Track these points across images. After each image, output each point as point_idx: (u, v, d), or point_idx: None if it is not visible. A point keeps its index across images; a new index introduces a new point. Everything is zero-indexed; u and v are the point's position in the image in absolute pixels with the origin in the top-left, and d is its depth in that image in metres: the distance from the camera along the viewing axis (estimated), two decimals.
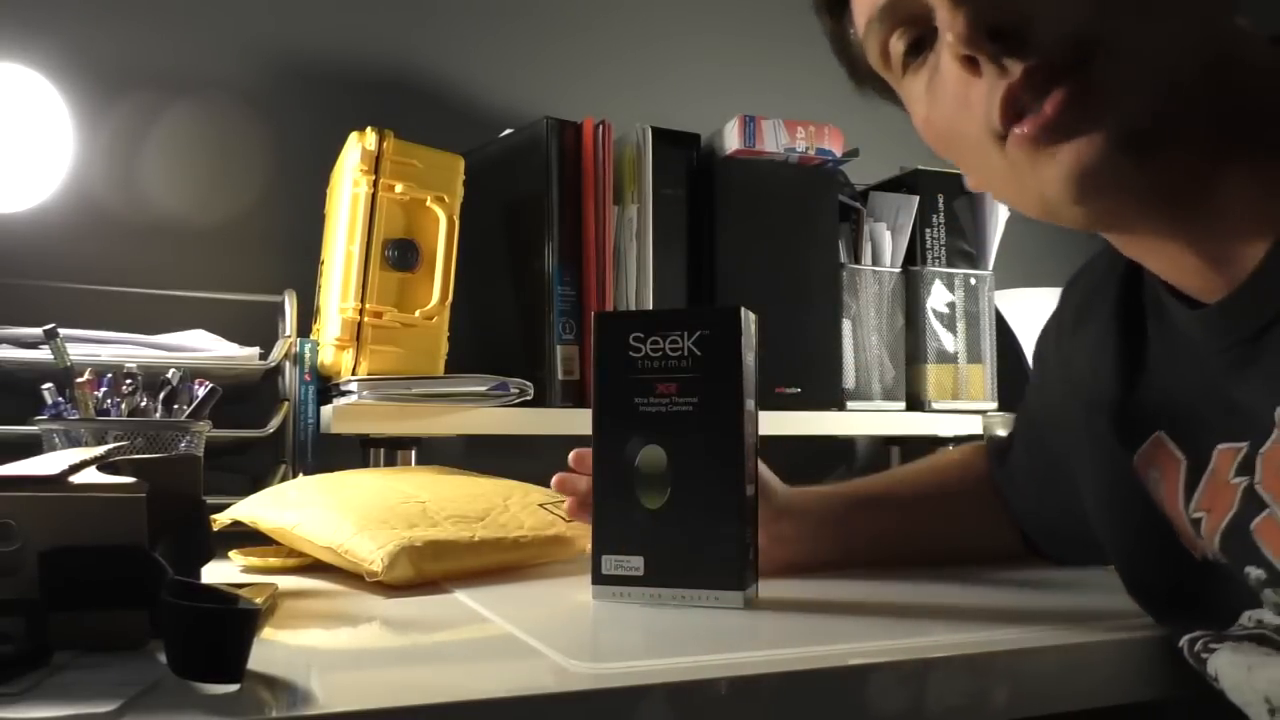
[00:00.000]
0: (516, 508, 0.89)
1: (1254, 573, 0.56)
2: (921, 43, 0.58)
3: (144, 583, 0.53)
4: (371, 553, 0.76)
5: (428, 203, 1.11)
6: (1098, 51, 0.51)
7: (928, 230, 1.35)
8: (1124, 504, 0.66)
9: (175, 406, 0.91)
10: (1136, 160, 0.52)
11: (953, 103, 0.56)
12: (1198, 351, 0.59)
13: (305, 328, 1.18)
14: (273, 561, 0.87)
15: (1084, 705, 0.61)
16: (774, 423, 1.15)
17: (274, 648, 0.59)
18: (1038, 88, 0.52)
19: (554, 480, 0.81)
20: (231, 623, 0.50)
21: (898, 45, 0.59)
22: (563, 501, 0.91)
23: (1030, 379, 0.83)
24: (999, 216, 1.38)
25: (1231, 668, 0.56)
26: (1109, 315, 0.68)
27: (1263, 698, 0.54)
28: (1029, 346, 1.42)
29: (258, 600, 0.64)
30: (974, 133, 0.56)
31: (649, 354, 0.71)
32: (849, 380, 1.29)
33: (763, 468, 0.79)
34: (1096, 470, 0.69)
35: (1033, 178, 0.54)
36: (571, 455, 0.81)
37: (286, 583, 0.80)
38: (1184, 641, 0.60)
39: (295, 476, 1.06)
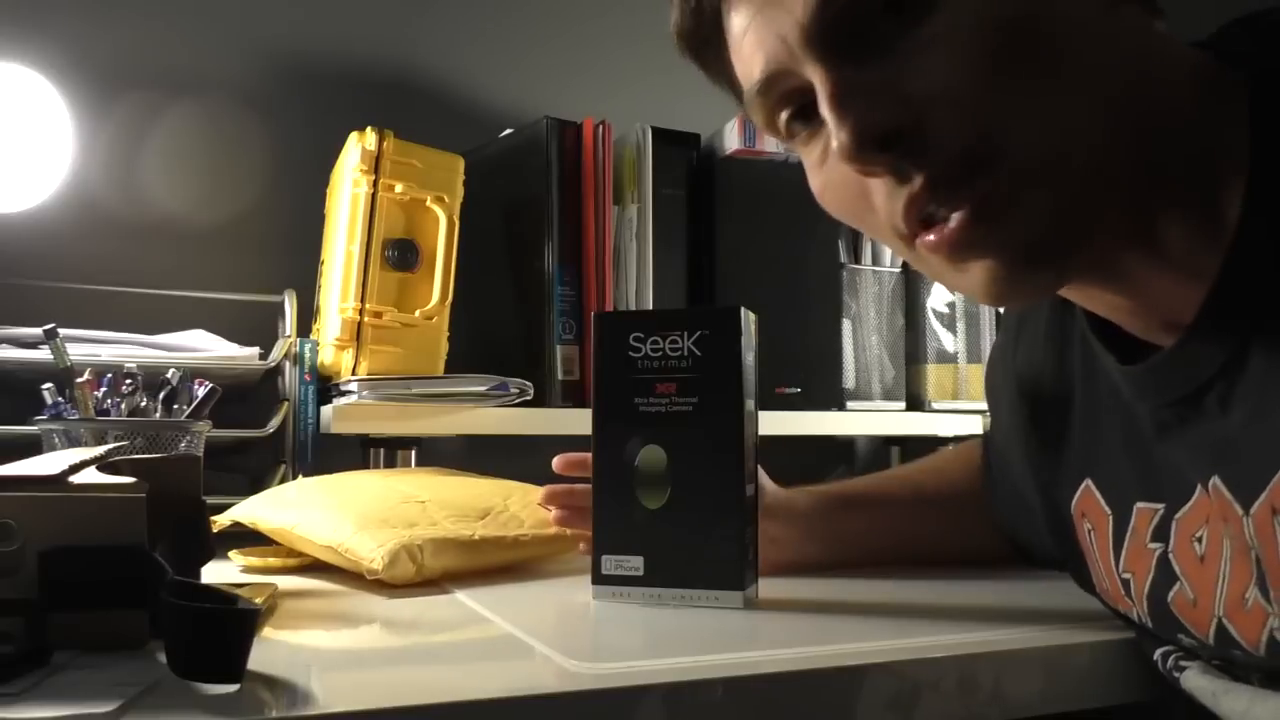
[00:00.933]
0: (516, 507, 0.89)
1: (1184, 639, 0.56)
2: (809, 110, 0.52)
3: (144, 583, 0.53)
4: (371, 551, 0.76)
5: (428, 203, 1.11)
6: (999, 155, 0.47)
7: None
8: (1067, 543, 0.65)
9: (175, 406, 0.91)
10: (1051, 263, 0.49)
11: (851, 196, 0.53)
12: (1125, 403, 0.56)
13: (305, 328, 1.18)
14: (273, 561, 0.87)
15: (1080, 706, 0.61)
16: (774, 423, 1.15)
17: (274, 648, 0.59)
18: (940, 198, 0.48)
19: (544, 493, 0.81)
20: (231, 623, 0.50)
21: (781, 115, 0.54)
22: None
23: (988, 408, 0.80)
24: None
25: (1200, 692, 0.55)
26: (1042, 341, 0.65)
27: None
28: None
29: (258, 600, 0.64)
30: (878, 226, 0.52)
31: (649, 354, 0.71)
32: (849, 380, 1.29)
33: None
34: (1043, 504, 0.68)
35: (949, 278, 0.52)
36: (556, 461, 0.81)
37: (286, 583, 0.80)
38: (1157, 655, 0.59)
39: (295, 477, 1.06)
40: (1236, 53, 0.51)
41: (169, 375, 0.91)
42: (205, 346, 1.09)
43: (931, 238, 0.49)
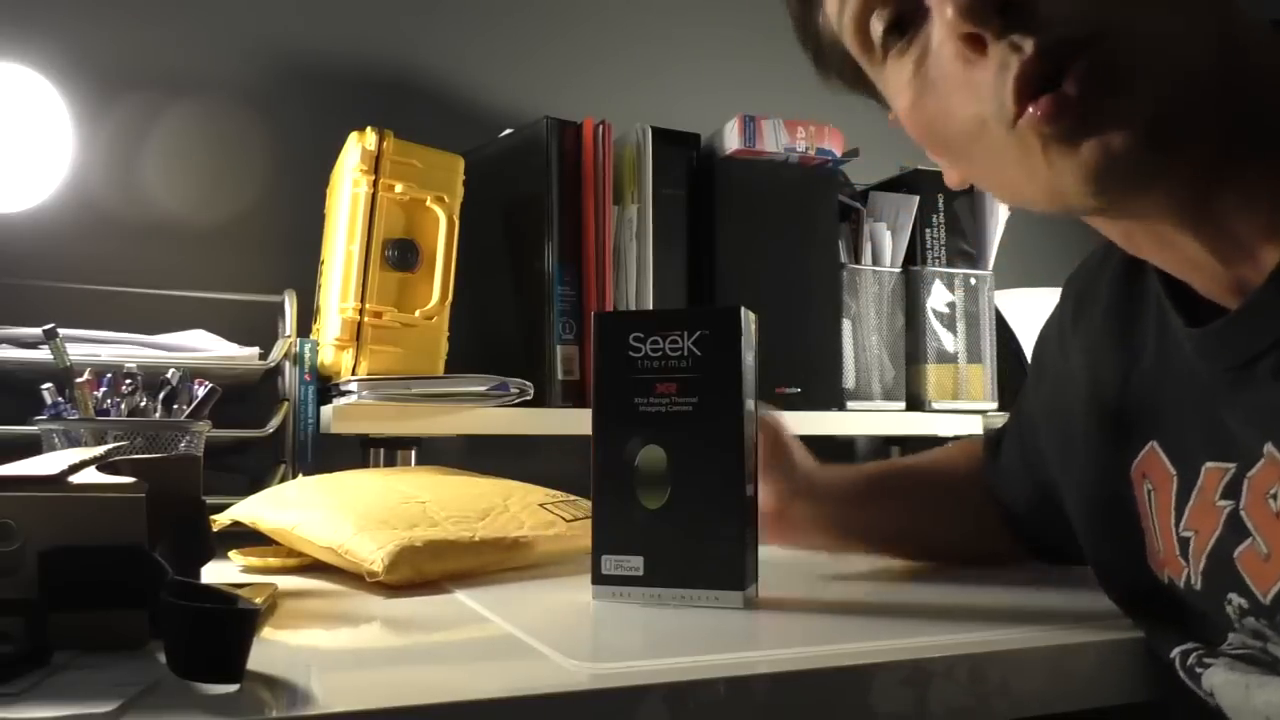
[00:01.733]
0: (516, 508, 0.89)
1: (1235, 599, 0.55)
2: (903, 21, 0.53)
3: (144, 583, 0.53)
4: (372, 553, 0.76)
5: (428, 203, 1.11)
6: (1111, 33, 0.48)
7: (928, 230, 1.35)
8: (1105, 514, 0.65)
9: (175, 406, 0.90)
10: (1161, 153, 0.49)
11: (951, 86, 0.52)
12: (1191, 365, 0.57)
13: (305, 328, 1.18)
14: (272, 561, 0.87)
15: (1082, 705, 0.61)
16: None
17: (274, 648, 0.59)
18: (1055, 64, 0.48)
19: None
20: (231, 623, 0.50)
21: (876, 25, 0.54)
22: (563, 501, 0.92)
23: (1027, 377, 0.82)
24: (999, 216, 1.37)
25: (1229, 686, 0.54)
26: (1101, 315, 0.66)
27: (1263, 718, 0.52)
28: (1029, 346, 1.42)
29: (257, 600, 0.64)
30: (976, 118, 0.51)
31: (649, 354, 0.71)
32: (849, 380, 1.29)
33: (788, 435, 0.80)
34: (1083, 477, 0.68)
35: (1046, 166, 0.50)
36: None
37: (286, 583, 0.80)
38: (1175, 654, 0.58)
39: (295, 476, 1.06)
40: None
41: (169, 375, 0.91)
42: (205, 346, 1.09)
43: (1043, 106, 0.48)
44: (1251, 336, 0.52)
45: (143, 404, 0.90)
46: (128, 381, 0.90)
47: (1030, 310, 1.42)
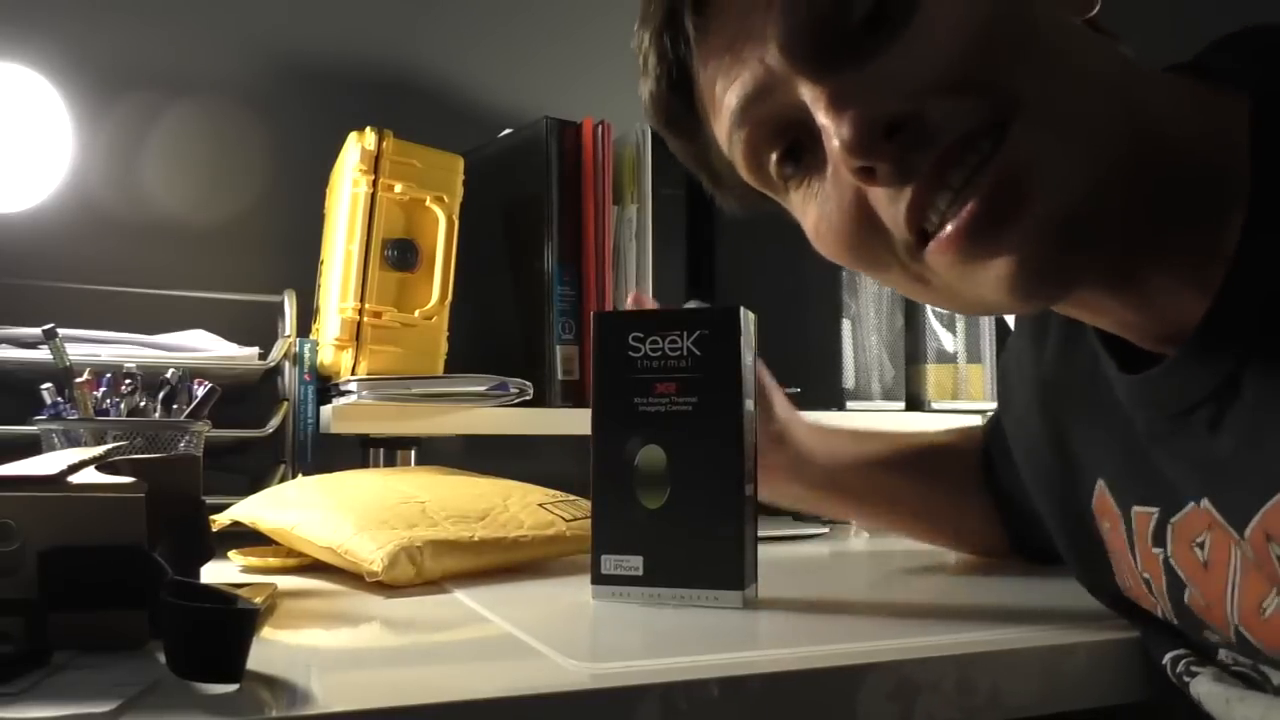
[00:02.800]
0: (516, 508, 0.89)
1: (1209, 635, 0.55)
2: (798, 148, 0.51)
3: (143, 583, 0.53)
4: (371, 553, 0.76)
5: (427, 203, 1.11)
6: (1015, 118, 0.45)
7: None
8: (1079, 544, 0.65)
9: (175, 406, 0.90)
10: (1079, 254, 0.46)
11: (847, 216, 0.50)
12: (1122, 407, 0.56)
13: (305, 328, 1.18)
14: (272, 561, 0.87)
15: (1077, 706, 0.61)
16: None
17: (274, 648, 0.59)
18: (951, 184, 0.45)
19: None
20: (231, 623, 0.50)
21: (770, 158, 0.52)
22: (563, 501, 0.92)
23: (998, 396, 0.81)
24: None
25: (1212, 698, 0.54)
26: (1056, 348, 0.65)
27: None
28: None
29: (257, 600, 0.64)
30: (879, 245, 0.50)
31: (648, 354, 0.71)
32: (849, 380, 1.29)
33: (770, 382, 0.79)
34: (1052, 509, 0.68)
35: (964, 285, 0.48)
36: None
37: (286, 583, 0.80)
38: (1167, 659, 0.58)
39: (295, 476, 1.06)
40: (1226, 71, 0.50)
41: (168, 375, 0.91)
42: (205, 346, 1.09)
43: (946, 232, 0.46)
44: (1185, 385, 0.50)
45: (142, 404, 0.90)
46: (127, 381, 0.90)
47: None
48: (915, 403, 1.33)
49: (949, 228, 0.46)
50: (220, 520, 0.87)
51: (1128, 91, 0.48)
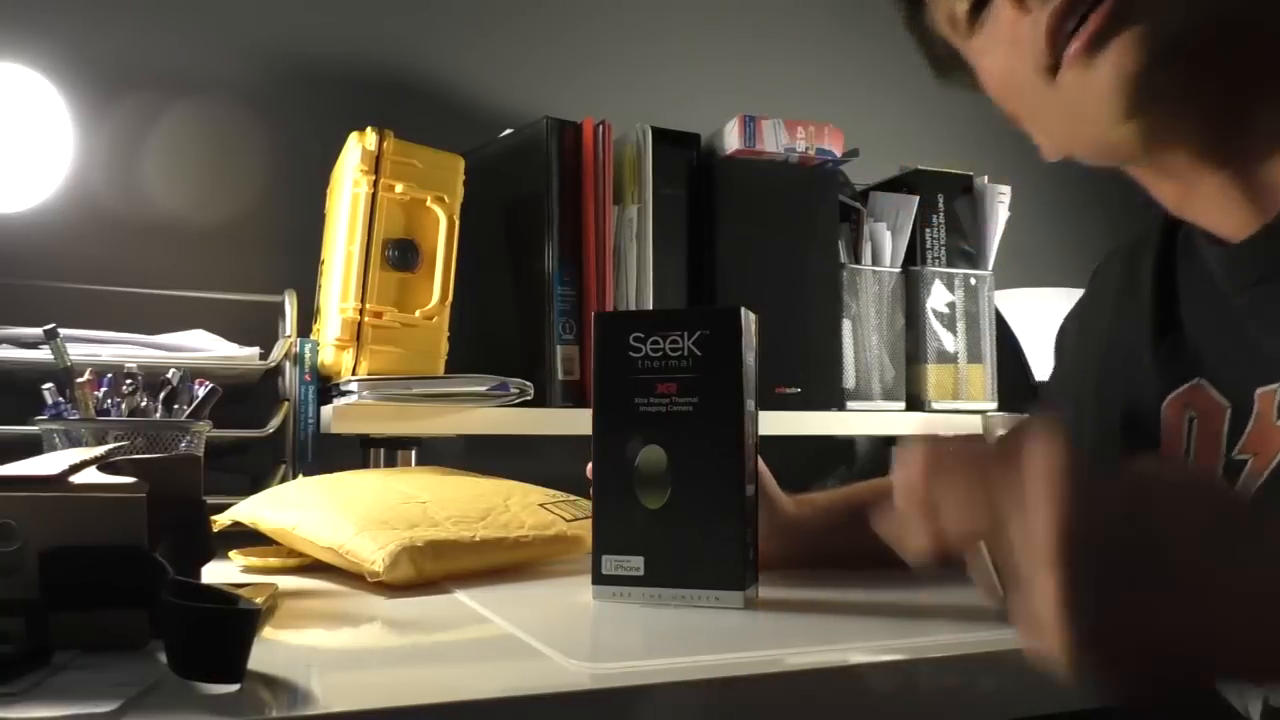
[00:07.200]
0: (517, 508, 0.89)
1: None
2: (981, 4, 0.60)
3: (144, 583, 0.53)
4: (373, 553, 0.77)
5: (428, 203, 1.11)
6: None
7: (928, 230, 1.35)
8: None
9: (175, 406, 0.91)
10: (1177, 72, 0.53)
11: (1005, 46, 0.59)
12: (1223, 294, 0.60)
13: (305, 328, 1.18)
14: (273, 561, 0.87)
15: (1079, 705, 0.61)
16: (774, 423, 1.15)
17: (274, 648, 0.59)
18: (1079, 9, 0.54)
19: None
20: (232, 623, 0.50)
21: (960, 6, 0.61)
22: (563, 501, 0.91)
23: (1054, 360, 0.83)
24: (999, 216, 1.37)
25: None
26: (1146, 276, 0.68)
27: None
28: (1029, 346, 1.42)
29: (258, 600, 0.64)
30: (1027, 72, 0.57)
31: (649, 354, 0.71)
32: (849, 380, 1.29)
33: (767, 477, 0.79)
34: (1095, 428, 0.70)
35: (1085, 102, 0.56)
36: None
37: (286, 583, 0.80)
38: None
39: (295, 477, 1.06)
40: None
41: (169, 375, 0.92)
42: (205, 346, 1.09)
43: (1073, 48, 0.54)
44: (1275, 249, 0.56)
45: (143, 404, 0.90)
46: (128, 381, 0.90)
47: (1030, 310, 1.42)
48: (915, 403, 1.33)
49: (1074, 43, 0.55)
50: (221, 520, 0.87)
51: None
